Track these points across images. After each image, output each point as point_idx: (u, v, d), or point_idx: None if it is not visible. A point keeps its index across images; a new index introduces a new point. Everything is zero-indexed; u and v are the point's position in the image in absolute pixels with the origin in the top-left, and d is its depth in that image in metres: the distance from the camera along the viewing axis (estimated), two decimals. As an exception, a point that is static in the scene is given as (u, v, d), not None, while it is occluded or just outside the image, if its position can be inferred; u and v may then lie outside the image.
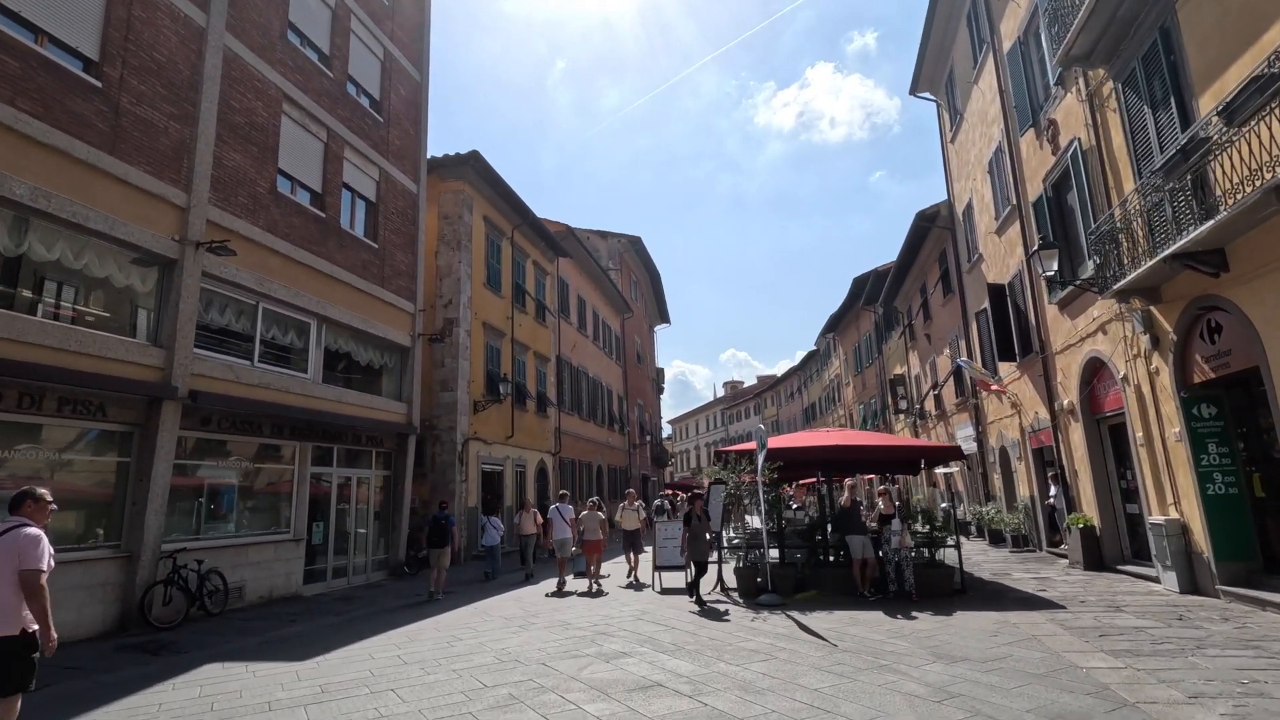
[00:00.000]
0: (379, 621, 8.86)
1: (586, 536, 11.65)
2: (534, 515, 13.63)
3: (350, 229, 13.43)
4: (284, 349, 11.72)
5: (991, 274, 15.60)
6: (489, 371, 19.28)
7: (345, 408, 12.76)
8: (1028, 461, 14.58)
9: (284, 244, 11.44)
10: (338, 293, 12.76)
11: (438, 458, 17.32)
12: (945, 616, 7.64)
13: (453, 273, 18.28)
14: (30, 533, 3.92)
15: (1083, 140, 10.36)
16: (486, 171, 19.13)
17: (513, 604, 9.87)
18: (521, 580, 12.81)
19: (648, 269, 41.27)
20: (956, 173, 18.43)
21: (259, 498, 11.17)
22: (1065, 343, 11.79)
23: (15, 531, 3.91)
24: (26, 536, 3.89)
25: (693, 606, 8.89)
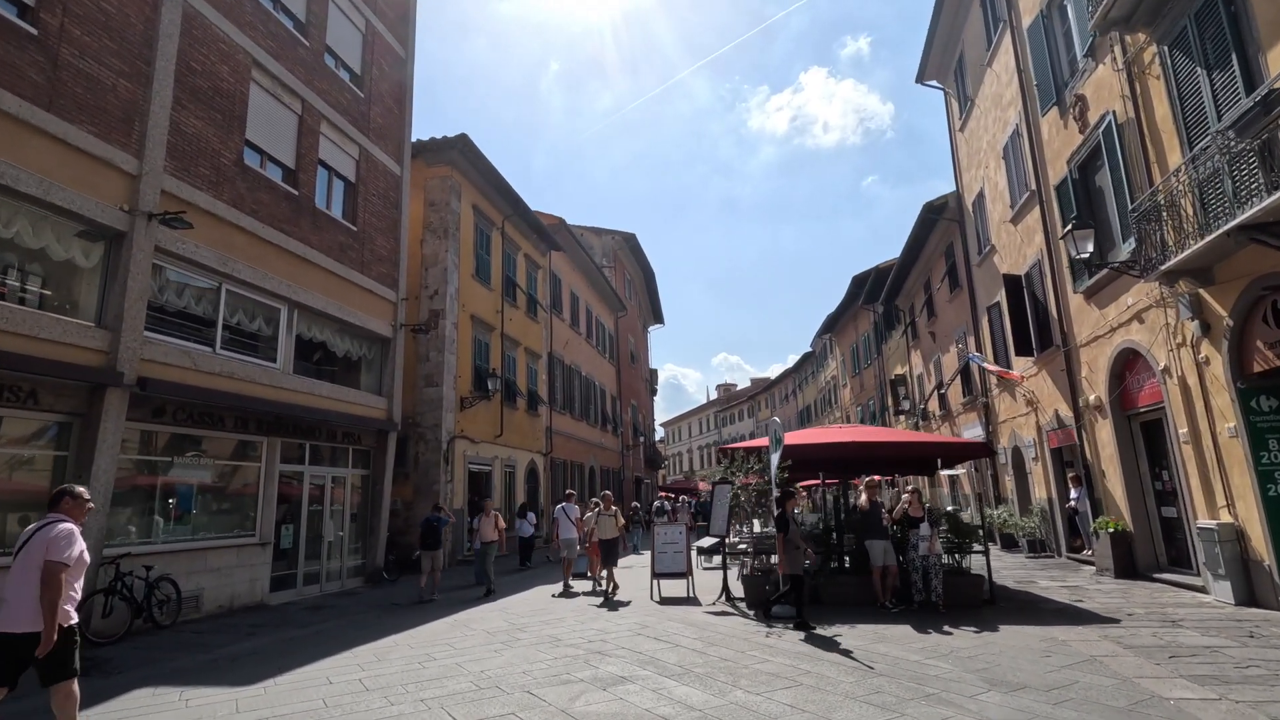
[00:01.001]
0: (347, 635, 7.93)
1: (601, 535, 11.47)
2: (495, 519, 11.75)
3: (327, 209, 12.50)
4: (251, 336, 10.78)
5: (1006, 265, 14.84)
6: (477, 367, 18.36)
7: (319, 401, 11.81)
8: (1045, 462, 13.80)
9: (251, 221, 10.50)
10: (311, 276, 11.83)
11: (421, 457, 16.38)
12: (983, 632, 6.80)
13: (439, 262, 17.37)
14: (64, 528, 4.04)
15: (1118, 113, 9.59)
16: (476, 157, 18.24)
17: (498, 615, 8.96)
18: (519, 583, 11.87)
19: (642, 268, 40.44)
20: (966, 162, 17.70)
21: (221, 498, 10.22)
22: (1092, 334, 11.01)
23: (50, 526, 4.03)
24: (60, 531, 4.01)
25: (712, 619, 8.01)
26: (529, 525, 16.74)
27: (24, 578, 3.91)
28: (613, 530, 10.73)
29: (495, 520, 11.72)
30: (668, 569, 9.84)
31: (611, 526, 10.73)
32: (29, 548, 3.99)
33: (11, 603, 3.90)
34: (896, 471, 14.21)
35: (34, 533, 4.06)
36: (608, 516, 10.84)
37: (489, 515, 11.74)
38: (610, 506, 11.06)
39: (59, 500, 4.24)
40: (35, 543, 3.98)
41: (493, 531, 11.60)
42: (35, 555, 3.93)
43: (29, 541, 4.03)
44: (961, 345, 19.00)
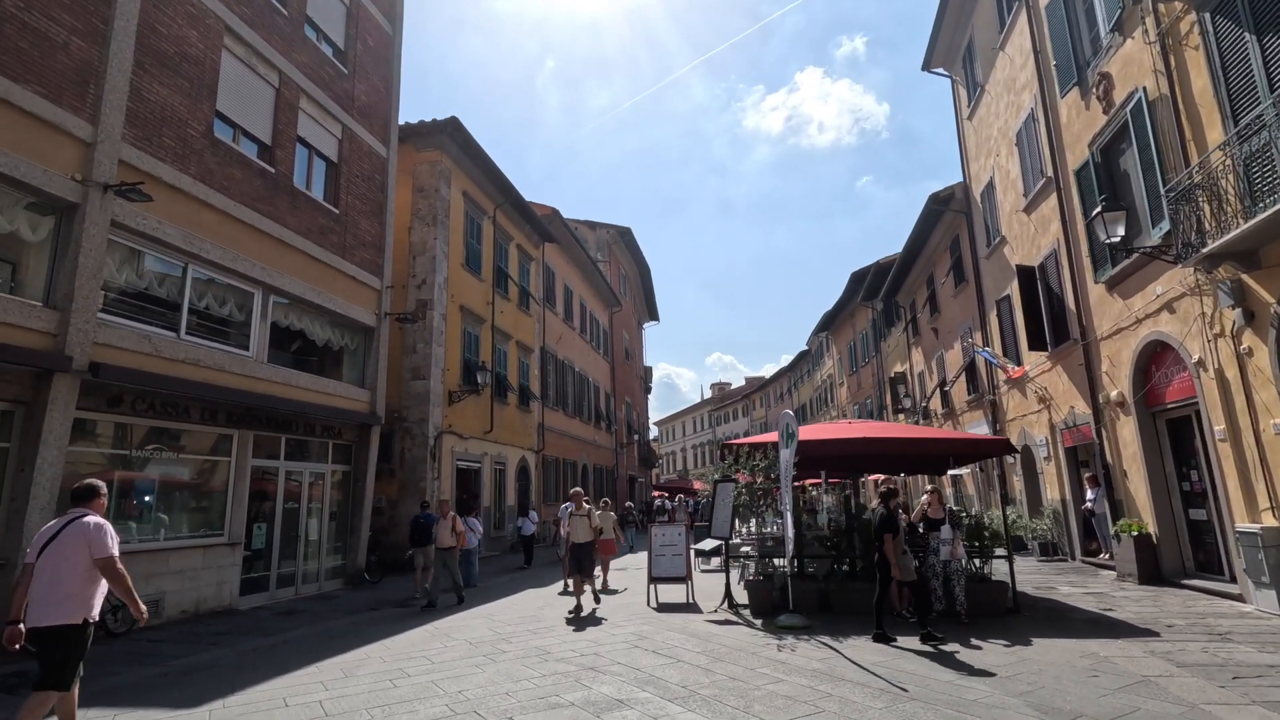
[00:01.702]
0: (317, 646, 7.26)
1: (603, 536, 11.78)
2: (453, 522, 10.48)
3: (306, 190, 11.79)
4: (221, 322, 10.07)
5: (1018, 256, 14.27)
6: (466, 360, 17.67)
7: (296, 392, 11.11)
8: (1058, 461, 13.24)
9: (221, 198, 9.79)
10: (288, 260, 11.12)
11: (407, 453, 15.69)
12: (1016, 646, 6.19)
13: (427, 250, 16.67)
14: (95, 521, 4.05)
15: (1149, 89, 9.00)
16: (466, 142, 17.53)
17: (482, 623, 8.30)
18: (509, 585, 11.21)
19: (637, 263, 39.79)
20: (974, 151, 17.12)
21: (186, 495, 9.51)
22: (1115, 326, 10.44)
23: (80, 521, 4.00)
24: (94, 525, 4.00)
25: (716, 629, 7.37)
26: (530, 524, 16.52)
27: (56, 574, 3.87)
28: (586, 533, 9.18)
29: (452, 523, 10.49)
30: (666, 573, 9.20)
31: (585, 528, 9.20)
32: (60, 544, 3.93)
33: (40, 599, 3.85)
34: (903, 470, 13.60)
35: (60, 529, 4.00)
36: (580, 517, 9.28)
37: (445, 518, 10.54)
38: (583, 505, 9.47)
39: (91, 496, 4.22)
40: (68, 540, 3.94)
41: (449, 536, 10.40)
42: (70, 552, 3.90)
43: (57, 538, 3.96)
44: (967, 341, 18.45)
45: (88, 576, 3.94)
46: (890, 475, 12.14)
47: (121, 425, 8.62)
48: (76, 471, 7.96)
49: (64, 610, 3.84)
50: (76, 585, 3.90)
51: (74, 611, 3.87)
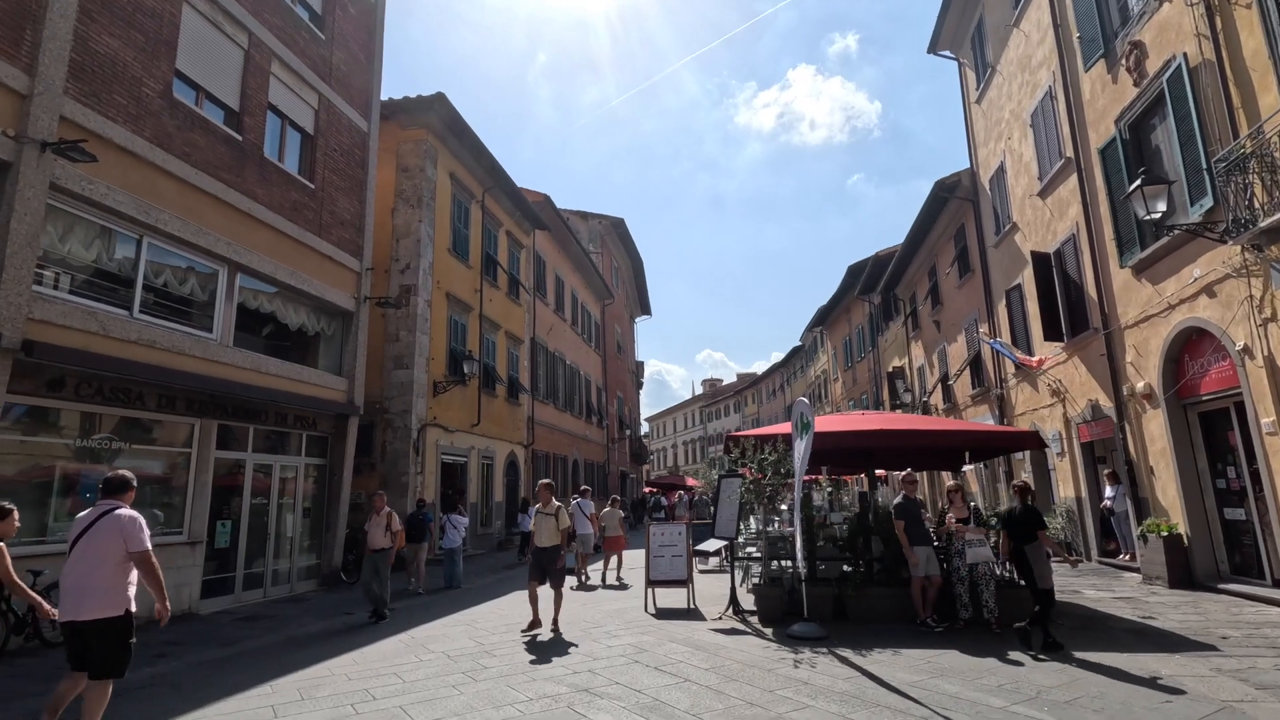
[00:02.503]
0: (277, 657, 6.50)
1: (608, 534, 11.88)
2: (387, 519, 8.65)
3: (278, 162, 10.95)
4: (182, 301, 9.24)
5: (1031, 243, 13.64)
6: (452, 349, 16.87)
7: (266, 379, 10.30)
8: (1073, 457, 12.63)
9: (181, 165, 8.95)
10: (258, 236, 10.29)
11: (389, 446, 14.89)
12: (1060, 663, 5.52)
13: (411, 233, 15.85)
14: (128, 514, 4.04)
15: (1190, 55, 8.35)
16: (453, 120, 16.70)
17: (464, 631, 7.56)
18: (497, 587, 10.44)
19: (630, 256, 39.02)
20: (983, 136, 16.48)
21: (140, 489, 8.64)
22: (1143, 313, 9.81)
23: (113, 514, 4.00)
24: (127, 518, 4.00)
25: (723, 640, 6.67)
26: (529, 519, 15.61)
27: (90, 566, 3.87)
28: (551, 535, 7.54)
29: (387, 520, 8.64)
30: (665, 576, 8.48)
31: (550, 530, 7.54)
32: (92, 535, 3.94)
33: (74, 591, 3.86)
34: (911, 466, 12.90)
35: (92, 521, 4.01)
36: (545, 515, 7.65)
37: (379, 514, 8.70)
38: (550, 501, 7.72)
39: (124, 489, 4.23)
40: (101, 532, 3.95)
41: (382, 537, 8.54)
42: (102, 544, 3.91)
43: (89, 530, 3.97)
44: (973, 333, 17.85)
45: (121, 569, 3.95)
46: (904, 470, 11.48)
47: (64, 412, 7.79)
48: (13, 463, 7.15)
49: (102, 603, 3.85)
50: (111, 578, 3.90)
51: (113, 604, 3.89)
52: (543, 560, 7.52)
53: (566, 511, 7.70)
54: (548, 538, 7.57)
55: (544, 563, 7.51)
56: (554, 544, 7.54)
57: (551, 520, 7.62)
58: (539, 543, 7.59)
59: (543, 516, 7.70)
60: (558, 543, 7.57)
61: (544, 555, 7.55)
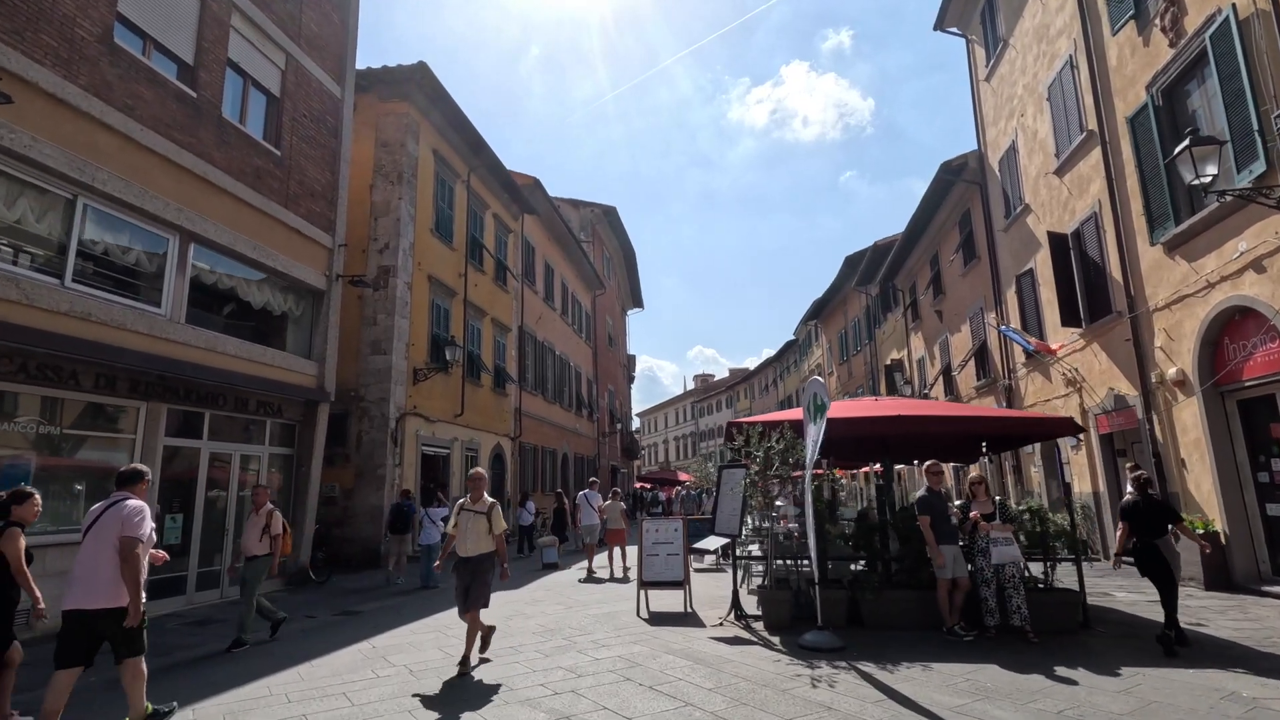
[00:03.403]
0: (213, 672, 5.66)
1: (610, 526, 11.72)
2: (267, 519, 6.89)
3: (239, 124, 10.04)
4: (126, 271, 8.34)
5: (1046, 224, 12.91)
6: (434, 335, 15.99)
7: (223, 360, 9.42)
8: (1090, 450, 11.94)
9: (123, 119, 8.04)
10: (214, 203, 9.39)
11: (365, 435, 14.02)
12: (1118, 679, 4.76)
13: (391, 211, 14.95)
14: (134, 504, 4.10)
15: (1239, 6, 7.61)
16: (437, 92, 15.80)
17: (433, 640, 6.73)
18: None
19: (622, 246, 38.16)
20: (993, 115, 15.75)
21: (73, 479, 7.80)
22: (1176, 294, 9.09)
23: (121, 504, 4.08)
24: (131, 507, 4.06)
25: (726, 651, 5.88)
26: (528, 514, 15.75)
27: (97, 556, 3.93)
28: (479, 541, 5.63)
29: (266, 519, 6.89)
30: (659, 576, 7.68)
31: (478, 534, 5.63)
32: (100, 525, 4.00)
33: (84, 580, 3.92)
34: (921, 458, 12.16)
35: (103, 511, 4.08)
36: (475, 515, 5.69)
37: (258, 513, 6.98)
38: (482, 496, 5.78)
39: (135, 480, 4.30)
40: (107, 520, 4.00)
41: (258, 541, 6.84)
42: (108, 535, 3.95)
43: (99, 519, 4.04)
44: (978, 323, 17.16)
45: None
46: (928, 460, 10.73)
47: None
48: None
49: (109, 593, 3.89)
50: (115, 568, 3.91)
51: (121, 594, 3.91)
52: (465, 576, 5.56)
53: (501, 510, 5.80)
54: (474, 544, 5.61)
55: (466, 579, 5.54)
56: (482, 553, 5.64)
57: (481, 521, 5.65)
58: (462, 551, 5.62)
59: (470, 515, 5.66)
60: (489, 550, 5.67)
61: (466, 569, 5.57)
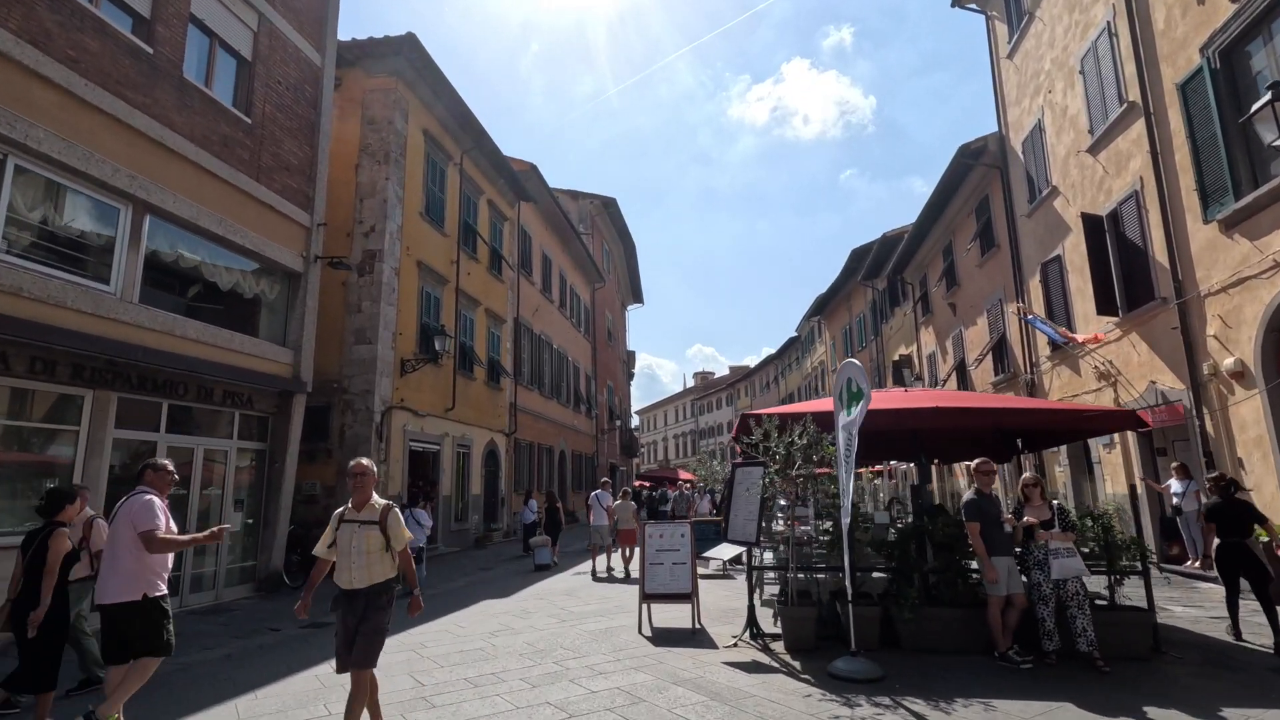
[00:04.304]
0: (146, 698, 4.80)
1: (621, 526, 11.60)
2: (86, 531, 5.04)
3: (205, 87, 9.16)
4: (70, 244, 7.46)
5: (1077, 206, 12.06)
6: (424, 324, 15.11)
7: (183, 345, 8.54)
8: (1127, 448, 11.10)
9: (64, 72, 7.16)
10: (174, 171, 8.52)
11: (348, 430, 13.15)
12: None
13: (378, 192, 14.07)
14: (144, 499, 4.10)
15: (1322, -52, 6.76)
16: (426, 67, 14.91)
17: (405, 662, 5.88)
18: (468, 593, 8.73)
19: (622, 239, 37.26)
20: (1015, 93, 14.89)
21: (7, 477, 6.94)
22: (1235, 276, 8.23)
23: (133, 499, 4.11)
24: (141, 502, 4.07)
25: (745, 681, 5.03)
26: (530, 513, 15.16)
27: (113, 551, 4.00)
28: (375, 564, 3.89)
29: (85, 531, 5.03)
30: (664, 589, 6.81)
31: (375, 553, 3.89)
32: (115, 521, 4.07)
33: (103, 576, 4.00)
34: (948, 458, 11.33)
35: (118, 507, 4.13)
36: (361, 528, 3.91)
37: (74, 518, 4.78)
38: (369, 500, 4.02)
39: (141, 474, 4.31)
40: (119, 517, 4.06)
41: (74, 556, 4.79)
42: (121, 530, 4.00)
43: (115, 515, 4.10)
44: (995, 315, 16.31)
45: (139, 554, 3.96)
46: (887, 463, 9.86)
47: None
48: None
49: (120, 588, 3.92)
50: (129, 562, 3.94)
51: (131, 588, 3.94)
52: (351, 616, 3.79)
53: (400, 518, 4.03)
54: (360, 570, 3.81)
55: (352, 621, 3.78)
56: (374, 583, 3.84)
57: (371, 536, 3.85)
58: (344, 580, 3.84)
59: (353, 529, 3.88)
60: (385, 579, 3.87)
61: (352, 607, 3.81)
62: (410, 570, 4.11)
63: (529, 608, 8.27)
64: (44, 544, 4.29)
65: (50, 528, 4.38)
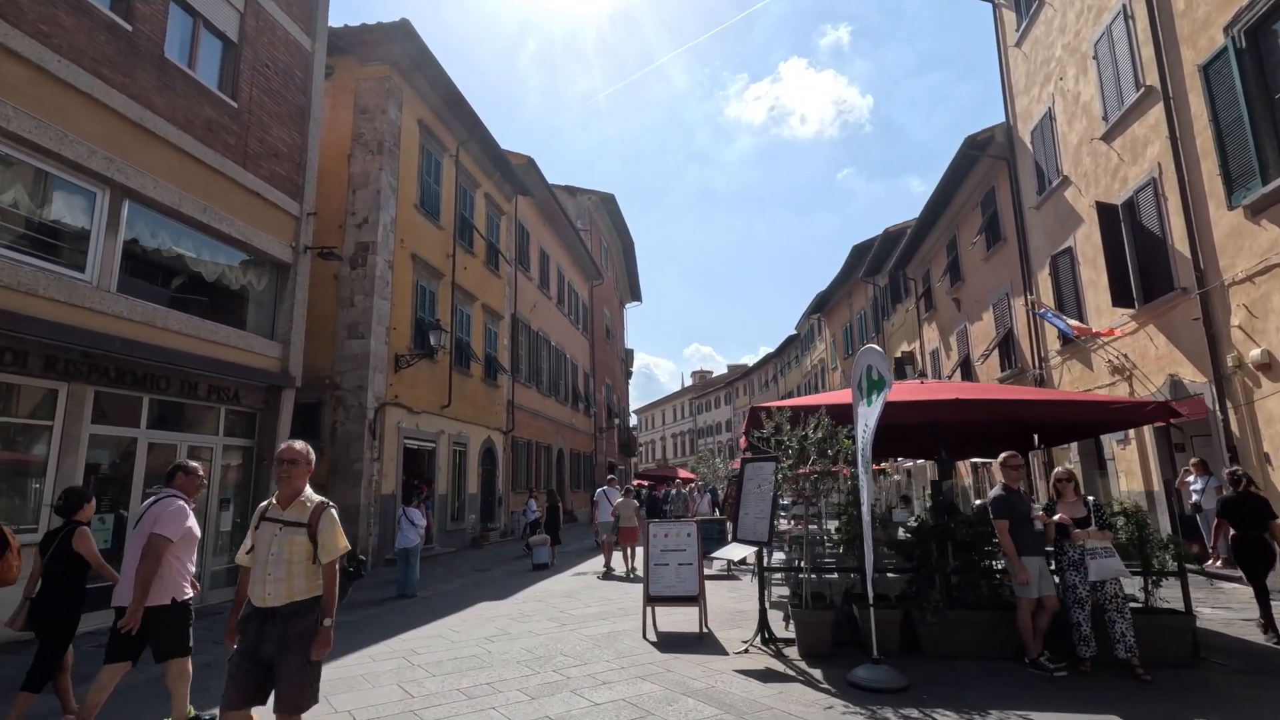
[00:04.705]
0: (110, 716, 4.44)
1: (622, 524, 11.39)
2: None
3: (188, 69, 8.79)
4: (43, 230, 7.09)
5: (1091, 195, 11.73)
6: (419, 319, 14.76)
7: (164, 337, 8.17)
8: (1143, 445, 10.79)
9: (34, 46, 6.79)
10: (154, 155, 8.14)
11: (340, 427, 12.78)
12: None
13: (371, 183, 13.70)
14: (175, 505, 4.03)
15: (1361, -85, 6.43)
16: (421, 55, 14.55)
17: (393, 670, 5.51)
18: (462, 595, 8.38)
19: (620, 236, 36.91)
20: (1024, 82, 14.57)
21: (-27, 472, 6.57)
22: (1262, 263, 7.91)
23: (164, 501, 4.06)
24: (170, 508, 4.01)
25: (760, 692, 4.68)
26: (533, 510, 15.33)
27: (134, 553, 3.95)
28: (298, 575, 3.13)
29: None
30: (669, 591, 6.45)
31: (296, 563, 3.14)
32: (142, 525, 4.00)
33: (124, 577, 4.02)
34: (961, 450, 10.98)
35: (147, 508, 4.09)
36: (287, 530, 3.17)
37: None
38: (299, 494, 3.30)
39: (173, 476, 4.27)
40: (145, 518, 4.01)
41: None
42: (145, 530, 3.92)
43: (142, 517, 4.06)
44: (1002, 309, 15.99)
45: (168, 556, 3.91)
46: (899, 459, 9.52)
47: None
48: None
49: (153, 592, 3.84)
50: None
51: (161, 593, 3.90)
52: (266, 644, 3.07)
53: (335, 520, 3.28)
54: (281, 583, 3.10)
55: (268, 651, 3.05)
56: (295, 600, 3.11)
57: (297, 542, 3.14)
58: (258, 596, 3.13)
59: (275, 530, 3.17)
60: (309, 597, 3.14)
61: (268, 631, 3.08)
62: (332, 591, 3.17)
63: (527, 610, 7.91)
64: (65, 543, 4.23)
65: (70, 527, 4.32)
